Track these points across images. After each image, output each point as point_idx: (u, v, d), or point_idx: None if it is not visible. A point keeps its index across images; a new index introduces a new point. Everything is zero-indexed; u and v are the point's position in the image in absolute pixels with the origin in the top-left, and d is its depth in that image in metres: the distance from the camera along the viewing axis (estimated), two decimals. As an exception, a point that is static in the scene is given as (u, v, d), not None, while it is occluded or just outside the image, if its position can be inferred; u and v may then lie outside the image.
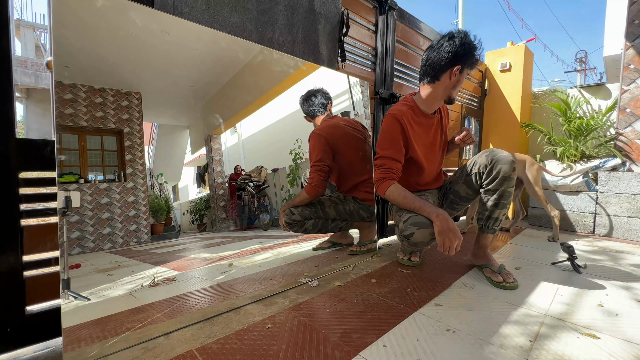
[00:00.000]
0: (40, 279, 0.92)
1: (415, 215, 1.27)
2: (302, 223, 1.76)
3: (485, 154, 1.34)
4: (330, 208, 1.81)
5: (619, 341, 0.90)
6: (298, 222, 1.75)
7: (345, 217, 1.84)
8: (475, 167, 1.36)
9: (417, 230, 1.25)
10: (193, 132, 2.86)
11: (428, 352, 0.85)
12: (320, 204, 1.81)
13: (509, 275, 1.32)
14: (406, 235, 1.29)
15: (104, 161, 2.00)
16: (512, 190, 1.32)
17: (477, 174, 1.37)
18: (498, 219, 1.36)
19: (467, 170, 1.41)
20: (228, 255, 1.99)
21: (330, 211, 1.81)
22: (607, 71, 4.58)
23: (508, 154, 1.29)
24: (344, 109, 2.31)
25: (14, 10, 1.07)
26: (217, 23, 1.25)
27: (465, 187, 1.45)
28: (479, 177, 1.37)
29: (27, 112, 6.76)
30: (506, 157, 1.29)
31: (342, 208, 1.82)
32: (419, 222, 1.26)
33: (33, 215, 0.91)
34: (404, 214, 1.33)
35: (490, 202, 1.34)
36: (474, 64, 1.31)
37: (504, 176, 1.28)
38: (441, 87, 1.35)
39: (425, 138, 1.49)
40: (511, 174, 1.28)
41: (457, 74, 1.29)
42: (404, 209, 1.35)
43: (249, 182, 2.70)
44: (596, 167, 2.44)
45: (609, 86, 2.88)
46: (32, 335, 0.92)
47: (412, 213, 1.30)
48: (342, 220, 1.86)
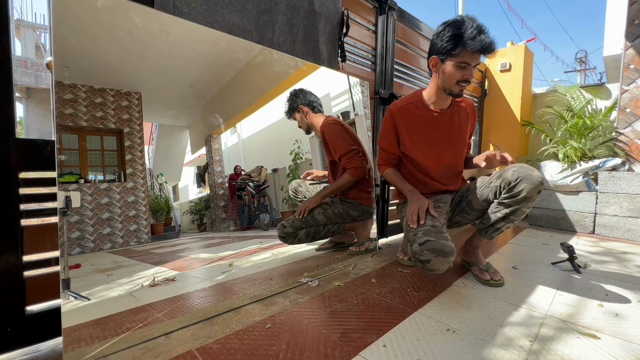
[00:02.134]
0: (40, 279, 0.92)
1: (434, 240, 1.11)
2: (295, 234, 1.76)
3: (512, 169, 1.20)
4: (320, 214, 1.80)
5: (619, 341, 0.90)
6: (291, 234, 1.75)
7: (335, 220, 1.84)
8: (498, 181, 1.24)
9: (434, 258, 1.10)
10: (193, 132, 2.86)
11: (428, 352, 0.85)
12: (310, 214, 1.81)
13: (496, 273, 1.36)
14: (422, 260, 1.13)
15: (104, 161, 2.00)
16: (528, 210, 1.22)
17: (497, 188, 1.24)
18: (501, 229, 1.29)
19: (488, 182, 1.30)
20: (228, 255, 1.99)
21: (319, 217, 1.80)
22: (607, 71, 4.58)
23: (538, 175, 1.16)
24: (344, 109, 2.31)
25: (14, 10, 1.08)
26: (217, 23, 1.25)
27: (480, 200, 1.32)
28: (498, 191, 1.24)
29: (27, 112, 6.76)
30: (534, 177, 1.15)
31: (330, 212, 1.81)
32: (437, 249, 1.10)
33: (33, 215, 0.91)
34: (419, 233, 1.17)
35: (499, 214, 1.25)
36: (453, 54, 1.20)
37: (526, 196, 1.16)
38: (434, 80, 1.35)
39: (425, 133, 1.41)
40: (534, 196, 1.16)
41: (437, 64, 1.29)
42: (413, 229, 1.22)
43: (249, 182, 2.70)
44: (596, 167, 2.44)
45: (609, 86, 2.88)
46: (32, 335, 0.92)
47: (429, 236, 1.13)
48: (333, 224, 1.85)
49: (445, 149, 1.45)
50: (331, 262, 1.69)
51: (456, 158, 1.48)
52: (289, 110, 1.95)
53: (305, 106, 1.93)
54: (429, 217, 1.23)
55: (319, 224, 1.81)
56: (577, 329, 0.97)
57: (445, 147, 1.45)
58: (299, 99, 1.94)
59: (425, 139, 1.43)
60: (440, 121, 1.41)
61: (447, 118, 1.41)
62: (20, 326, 0.90)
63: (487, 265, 1.38)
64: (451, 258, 1.11)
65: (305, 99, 1.93)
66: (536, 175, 1.16)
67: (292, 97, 1.94)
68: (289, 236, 1.76)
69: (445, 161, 1.46)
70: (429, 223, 1.20)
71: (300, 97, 1.93)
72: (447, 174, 1.49)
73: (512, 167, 1.22)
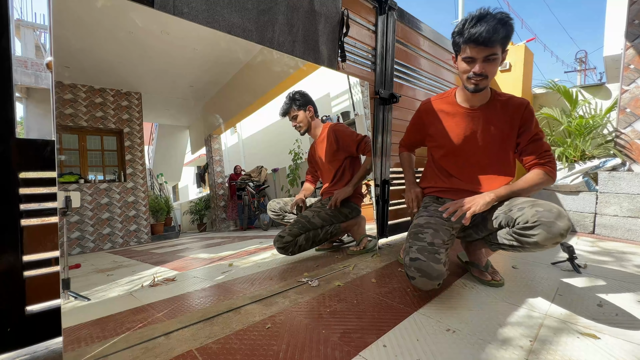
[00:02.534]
0: (40, 279, 0.92)
1: (423, 261, 1.09)
2: (295, 242, 1.76)
3: (538, 208, 1.06)
4: (315, 217, 1.83)
5: (619, 341, 0.90)
6: (290, 242, 1.75)
7: (330, 220, 1.86)
8: (518, 214, 1.10)
9: (419, 277, 1.10)
10: (193, 132, 2.86)
11: (428, 352, 0.85)
12: (304, 217, 1.83)
13: (496, 273, 1.36)
14: (409, 275, 1.14)
15: (104, 161, 2.00)
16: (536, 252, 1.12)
17: (513, 221, 1.12)
18: (503, 249, 1.25)
19: (508, 209, 1.16)
20: (228, 255, 1.99)
21: (316, 220, 1.82)
22: (607, 71, 4.59)
23: (562, 227, 1.01)
24: (344, 109, 2.31)
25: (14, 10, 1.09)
26: (217, 23, 1.25)
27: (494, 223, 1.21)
28: (513, 223, 1.12)
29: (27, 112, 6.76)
30: (556, 229, 1.01)
31: (324, 213, 1.85)
32: (423, 270, 1.08)
33: (33, 215, 0.91)
34: (414, 247, 1.14)
35: (506, 241, 1.18)
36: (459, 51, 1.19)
37: (537, 243, 1.05)
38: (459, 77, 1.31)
39: (450, 129, 1.35)
40: (547, 245, 1.05)
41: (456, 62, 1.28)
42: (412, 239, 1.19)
43: (249, 182, 2.70)
44: (596, 167, 2.44)
45: (609, 86, 2.88)
46: (32, 335, 0.92)
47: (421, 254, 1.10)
48: (329, 224, 1.87)
49: (470, 147, 1.34)
50: (331, 262, 1.69)
51: (486, 159, 1.33)
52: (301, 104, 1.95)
53: (312, 107, 1.98)
54: (431, 232, 1.17)
55: (316, 227, 1.82)
56: (577, 329, 0.97)
57: (470, 145, 1.33)
58: (308, 98, 1.98)
59: (448, 134, 1.36)
60: (468, 118, 1.32)
61: (478, 115, 1.31)
62: (20, 326, 0.90)
63: (487, 266, 1.38)
64: (437, 281, 1.09)
65: (312, 101, 1.99)
66: (560, 226, 1.01)
67: (303, 95, 1.97)
68: (289, 245, 1.74)
69: (471, 160, 1.35)
70: (428, 239, 1.14)
71: (309, 98, 1.98)
72: (471, 173, 1.36)
73: (540, 204, 1.07)
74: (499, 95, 1.32)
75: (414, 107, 2.45)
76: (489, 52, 1.13)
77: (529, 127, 1.26)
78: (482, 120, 1.31)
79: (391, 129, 2.13)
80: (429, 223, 1.21)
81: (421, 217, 1.28)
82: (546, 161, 1.23)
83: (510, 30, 1.12)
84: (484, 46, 1.11)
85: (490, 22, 1.10)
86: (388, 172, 2.09)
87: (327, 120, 2.41)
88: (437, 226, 1.20)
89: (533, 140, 1.26)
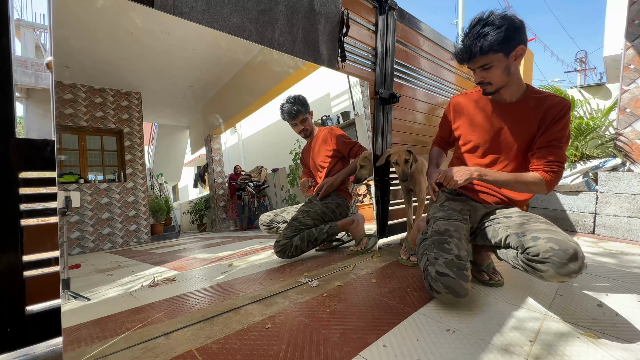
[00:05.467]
0: (40, 279, 0.92)
1: (453, 279, 1.05)
2: (291, 243, 1.77)
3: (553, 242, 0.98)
4: (305, 217, 1.85)
5: (619, 341, 0.90)
6: (287, 244, 1.76)
7: (321, 217, 1.88)
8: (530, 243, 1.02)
9: (445, 294, 1.07)
10: (193, 132, 2.86)
11: (428, 352, 0.85)
12: (294, 219, 1.85)
13: (496, 273, 1.36)
14: (433, 288, 1.10)
15: (104, 161, 2.00)
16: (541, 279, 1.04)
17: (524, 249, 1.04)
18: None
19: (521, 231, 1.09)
20: (228, 255, 1.99)
21: (307, 220, 1.84)
22: (607, 71, 4.59)
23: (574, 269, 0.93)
24: (344, 109, 2.31)
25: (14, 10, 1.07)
26: (217, 23, 1.25)
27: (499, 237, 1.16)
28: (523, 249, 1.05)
29: (27, 112, 6.76)
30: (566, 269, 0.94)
31: (313, 212, 1.87)
32: (451, 288, 1.05)
33: (33, 215, 0.91)
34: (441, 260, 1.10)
35: (511, 263, 1.13)
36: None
37: (544, 277, 1.00)
38: None
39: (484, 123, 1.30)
40: (553, 281, 1.00)
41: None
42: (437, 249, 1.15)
43: (249, 182, 2.70)
44: (596, 167, 2.44)
45: (609, 86, 2.88)
46: (32, 335, 0.92)
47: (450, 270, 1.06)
48: (321, 222, 1.88)
49: (495, 144, 1.29)
50: (331, 262, 1.69)
51: (511, 158, 1.26)
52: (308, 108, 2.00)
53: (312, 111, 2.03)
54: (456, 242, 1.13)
55: (308, 226, 1.83)
56: (577, 329, 0.97)
57: (495, 142, 1.28)
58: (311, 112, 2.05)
59: (473, 128, 1.33)
60: (496, 113, 1.27)
61: (507, 111, 1.24)
62: (20, 326, 0.90)
63: (488, 266, 1.38)
64: (462, 299, 1.07)
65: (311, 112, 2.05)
66: (570, 269, 0.94)
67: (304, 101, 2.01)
68: (285, 247, 1.76)
69: (494, 157, 1.29)
70: (455, 251, 1.09)
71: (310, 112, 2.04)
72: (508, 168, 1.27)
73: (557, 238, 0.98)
74: (535, 92, 1.22)
75: (414, 107, 2.46)
76: (480, 63, 1.14)
77: (553, 128, 1.15)
78: (511, 117, 1.24)
79: (391, 129, 2.13)
80: (449, 231, 1.17)
81: (439, 220, 1.24)
82: (550, 169, 1.14)
83: (499, 35, 1.07)
84: (468, 62, 1.15)
85: (470, 37, 1.11)
86: (388, 172, 2.09)
87: (327, 120, 2.42)
88: (459, 234, 1.15)
89: (550, 144, 1.15)
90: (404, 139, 2.37)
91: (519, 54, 1.12)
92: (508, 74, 1.16)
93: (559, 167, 1.15)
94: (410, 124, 2.46)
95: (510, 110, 1.24)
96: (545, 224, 1.10)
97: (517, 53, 1.12)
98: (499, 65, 1.14)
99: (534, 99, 1.21)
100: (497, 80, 1.18)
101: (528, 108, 1.21)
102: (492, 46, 1.09)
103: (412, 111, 2.44)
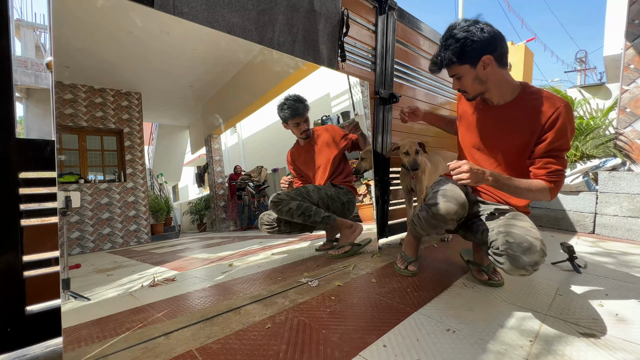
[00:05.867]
0: (40, 279, 0.92)
1: (448, 190, 1.18)
2: (287, 202, 1.75)
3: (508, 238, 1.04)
4: (314, 192, 1.85)
5: (619, 341, 0.90)
6: (283, 201, 1.75)
7: (326, 202, 1.86)
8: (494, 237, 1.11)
9: (443, 202, 1.14)
10: (193, 132, 2.86)
11: (428, 352, 0.85)
12: (304, 188, 1.85)
13: (496, 273, 1.37)
14: (429, 204, 1.20)
15: (104, 161, 2.00)
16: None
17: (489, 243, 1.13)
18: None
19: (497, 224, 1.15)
20: (228, 255, 1.99)
21: (314, 195, 1.84)
22: (607, 71, 4.59)
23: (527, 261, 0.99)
24: (344, 109, 2.31)
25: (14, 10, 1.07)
26: (217, 23, 1.25)
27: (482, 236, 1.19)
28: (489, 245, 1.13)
29: (27, 112, 6.77)
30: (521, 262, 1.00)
31: (324, 192, 1.87)
32: (447, 195, 1.15)
33: (33, 215, 0.91)
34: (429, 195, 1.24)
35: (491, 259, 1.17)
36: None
37: (505, 270, 1.07)
38: None
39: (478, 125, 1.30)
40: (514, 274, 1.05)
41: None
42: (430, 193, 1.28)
43: (249, 182, 2.70)
44: (596, 167, 2.44)
45: (609, 86, 2.88)
46: (32, 335, 0.92)
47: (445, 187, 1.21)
48: (325, 207, 1.87)
49: (485, 145, 1.29)
50: (331, 262, 1.69)
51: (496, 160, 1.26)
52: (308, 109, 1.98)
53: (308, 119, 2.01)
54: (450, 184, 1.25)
55: (312, 200, 1.82)
56: (577, 329, 0.97)
57: (488, 145, 1.28)
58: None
59: (469, 130, 1.34)
60: (488, 115, 1.26)
61: (499, 113, 1.22)
62: (20, 326, 0.90)
63: (489, 266, 1.38)
64: (458, 208, 1.15)
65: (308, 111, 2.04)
66: (524, 262, 0.99)
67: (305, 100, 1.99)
68: (280, 202, 1.75)
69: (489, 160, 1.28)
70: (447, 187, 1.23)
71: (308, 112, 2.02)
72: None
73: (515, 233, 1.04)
74: (530, 93, 1.17)
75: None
76: (450, 73, 1.19)
77: (550, 136, 1.09)
78: (501, 120, 1.21)
79: (391, 129, 2.13)
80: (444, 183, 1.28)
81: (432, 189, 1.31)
82: (553, 179, 1.11)
83: (456, 49, 1.09)
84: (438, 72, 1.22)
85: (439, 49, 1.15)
86: (388, 172, 2.09)
87: (327, 120, 2.41)
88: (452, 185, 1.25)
89: (549, 154, 1.11)
90: (404, 139, 2.37)
91: (486, 64, 1.10)
92: (480, 82, 1.15)
93: (561, 175, 1.13)
94: (410, 124, 2.46)
95: (500, 113, 1.21)
96: (522, 222, 1.11)
97: (484, 63, 1.10)
98: (468, 75, 1.15)
99: (528, 100, 1.17)
100: (470, 89, 1.19)
101: (520, 110, 1.17)
102: (451, 60, 1.12)
103: (412, 111, 2.43)
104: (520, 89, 1.19)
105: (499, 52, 1.10)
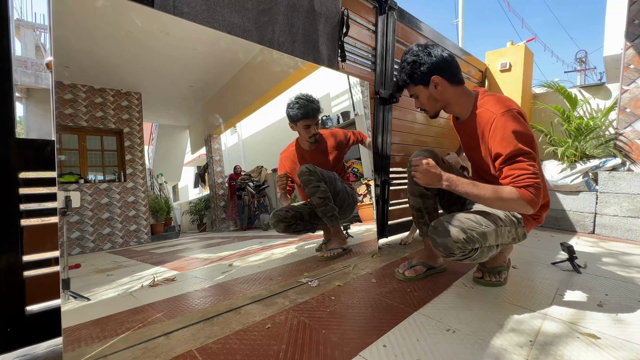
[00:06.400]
0: (40, 279, 0.92)
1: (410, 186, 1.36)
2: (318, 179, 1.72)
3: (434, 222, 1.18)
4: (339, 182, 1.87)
5: (619, 341, 0.90)
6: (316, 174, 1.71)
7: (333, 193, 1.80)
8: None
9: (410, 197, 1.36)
10: (193, 132, 2.86)
11: (428, 352, 0.85)
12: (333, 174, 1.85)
13: (496, 274, 1.36)
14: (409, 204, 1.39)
15: (104, 161, 2.00)
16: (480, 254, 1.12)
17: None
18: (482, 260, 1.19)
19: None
20: (228, 256, 1.99)
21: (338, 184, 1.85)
22: (607, 71, 4.59)
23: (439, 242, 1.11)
24: (344, 109, 2.31)
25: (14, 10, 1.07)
26: (217, 23, 1.25)
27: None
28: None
29: (27, 112, 6.77)
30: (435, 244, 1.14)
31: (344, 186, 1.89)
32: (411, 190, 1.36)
33: (33, 215, 0.91)
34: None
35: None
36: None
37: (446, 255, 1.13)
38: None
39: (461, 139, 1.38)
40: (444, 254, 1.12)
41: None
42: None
43: (249, 182, 2.70)
44: (596, 167, 2.44)
45: (609, 86, 2.88)
46: (32, 335, 0.92)
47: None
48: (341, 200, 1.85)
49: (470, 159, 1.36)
50: (331, 262, 1.69)
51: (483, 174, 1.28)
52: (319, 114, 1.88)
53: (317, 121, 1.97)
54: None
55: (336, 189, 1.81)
56: (577, 329, 0.97)
57: (470, 157, 1.35)
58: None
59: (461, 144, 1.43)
60: (461, 130, 1.32)
61: (462, 129, 1.29)
62: (20, 326, 0.89)
63: (489, 267, 1.37)
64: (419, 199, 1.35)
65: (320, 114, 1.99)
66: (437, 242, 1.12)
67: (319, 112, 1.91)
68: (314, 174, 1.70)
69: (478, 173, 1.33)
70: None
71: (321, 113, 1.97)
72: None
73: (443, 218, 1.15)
74: (477, 107, 1.18)
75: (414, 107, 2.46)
76: (409, 93, 1.29)
77: (496, 147, 1.07)
78: (468, 134, 1.24)
79: (391, 129, 2.13)
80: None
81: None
82: (523, 185, 1.01)
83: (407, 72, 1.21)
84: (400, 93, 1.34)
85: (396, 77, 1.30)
86: (388, 172, 2.09)
87: (327, 120, 2.41)
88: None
89: (506, 163, 1.06)
90: (404, 139, 2.37)
91: (437, 83, 1.18)
92: (435, 100, 1.23)
93: (529, 179, 1.01)
94: (411, 124, 2.46)
95: (466, 128, 1.26)
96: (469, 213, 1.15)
97: (435, 82, 1.19)
98: (422, 95, 1.24)
99: (476, 114, 1.17)
100: (428, 107, 1.27)
101: (472, 125, 1.19)
102: (405, 81, 1.24)
103: (412, 111, 2.44)
104: (474, 103, 1.20)
105: (448, 73, 1.18)
